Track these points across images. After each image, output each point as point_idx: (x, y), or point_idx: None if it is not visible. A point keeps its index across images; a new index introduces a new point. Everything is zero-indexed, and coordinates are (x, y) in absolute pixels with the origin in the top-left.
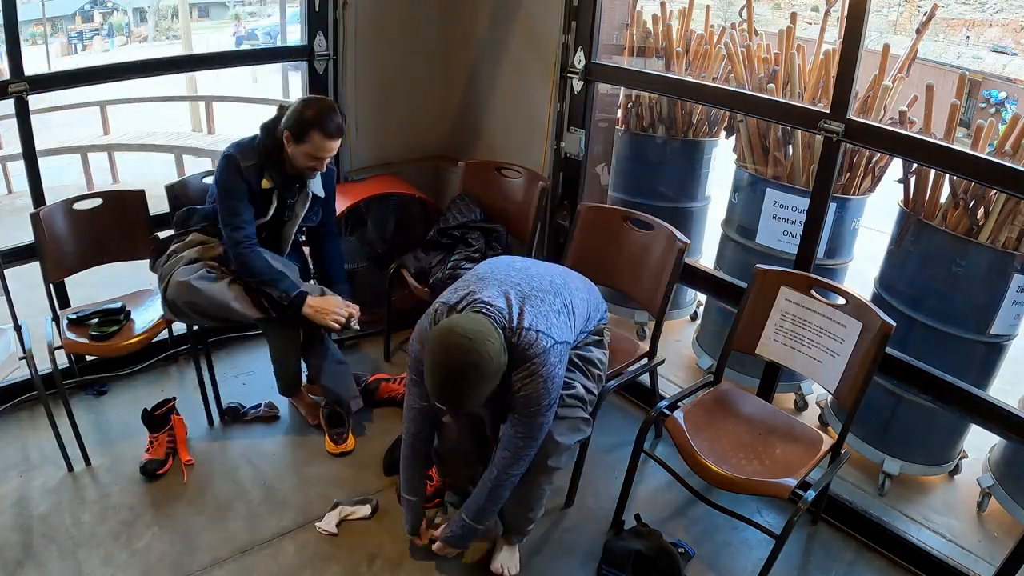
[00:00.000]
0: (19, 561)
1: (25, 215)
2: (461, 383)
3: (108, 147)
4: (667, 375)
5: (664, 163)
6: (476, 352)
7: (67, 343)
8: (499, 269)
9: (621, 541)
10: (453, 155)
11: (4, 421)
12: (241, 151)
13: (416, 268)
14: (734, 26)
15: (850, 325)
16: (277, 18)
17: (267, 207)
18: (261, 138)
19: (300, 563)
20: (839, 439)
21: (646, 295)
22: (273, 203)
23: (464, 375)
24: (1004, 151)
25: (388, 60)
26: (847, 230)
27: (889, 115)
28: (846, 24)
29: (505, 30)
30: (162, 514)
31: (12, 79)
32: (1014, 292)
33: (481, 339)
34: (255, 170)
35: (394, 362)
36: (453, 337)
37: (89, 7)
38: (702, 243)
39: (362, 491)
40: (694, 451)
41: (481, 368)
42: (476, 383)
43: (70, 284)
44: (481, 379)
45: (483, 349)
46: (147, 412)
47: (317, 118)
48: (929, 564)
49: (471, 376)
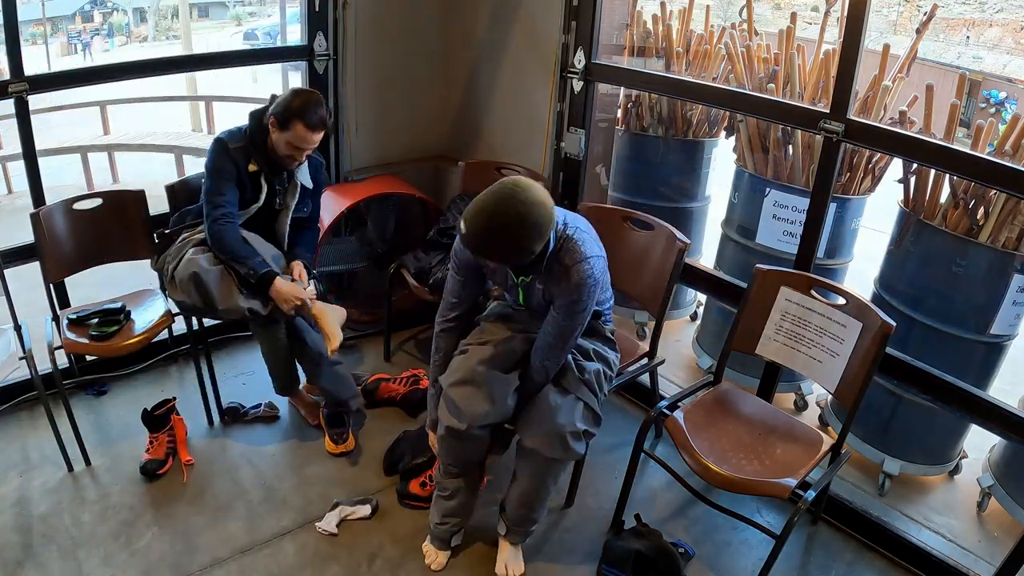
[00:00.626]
0: (19, 561)
1: (25, 215)
2: (501, 228)
3: (108, 147)
4: (667, 375)
5: (664, 163)
6: (524, 204)
7: (67, 343)
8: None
9: (621, 541)
10: (453, 155)
11: (4, 421)
12: (230, 135)
13: (416, 268)
14: (734, 26)
15: (850, 325)
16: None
17: (257, 192)
18: (249, 124)
19: (300, 563)
20: (839, 439)
21: (646, 295)
22: (263, 188)
23: (507, 220)
24: (1004, 151)
25: (388, 60)
26: (847, 230)
27: (889, 115)
28: (846, 24)
29: (505, 30)
30: (162, 514)
31: (12, 79)
32: (1014, 292)
33: (534, 199)
34: (242, 153)
35: (394, 362)
36: (511, 187)
37: (89, 7)
38: (702, 243)
39: (362, 491)
40: (694, 451)
41: (524, 220)
42: (514, 233)
43: (70, 284)
44: (519, 231)
45: (533, 203)
46: (147, 412)
47: (302, 109)
48: (929, 564)
49: (511, 224)
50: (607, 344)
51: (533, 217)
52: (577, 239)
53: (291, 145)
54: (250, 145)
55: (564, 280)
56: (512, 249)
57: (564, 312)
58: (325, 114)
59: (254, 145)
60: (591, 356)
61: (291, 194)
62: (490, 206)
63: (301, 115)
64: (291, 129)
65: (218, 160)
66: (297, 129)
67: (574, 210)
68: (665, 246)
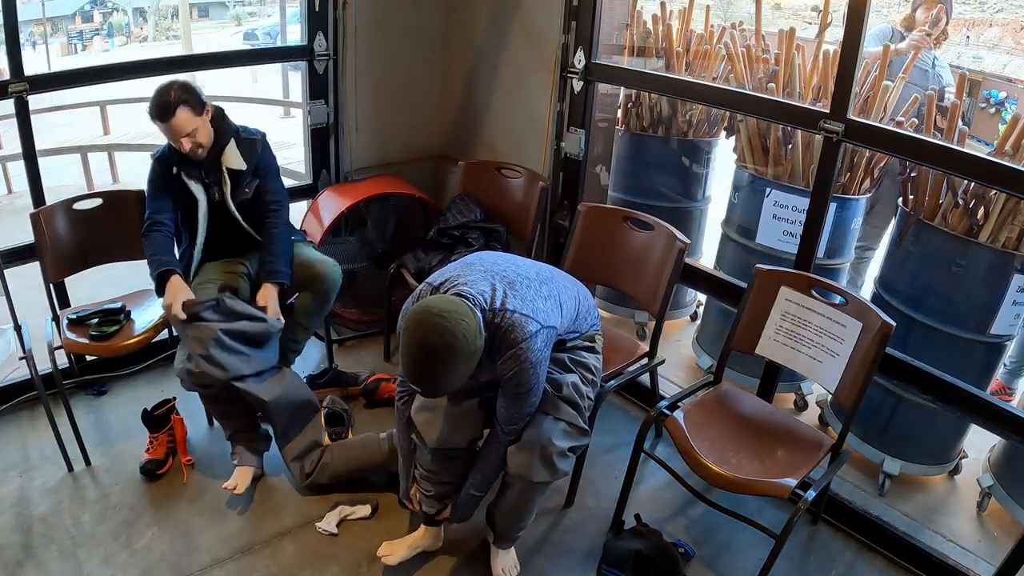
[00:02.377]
0: (19, 561)
1: (25, 215)
2: (434, 363)
3: (108, 147)
4: (667, 375)
5: (664, 163)
6: (450, 332)
7: (67, 343)
8: (486, 258)
9: (621, 541)
10: (453, 155)
11: (4, 421)
12: (159, 150)
13: (416, 268)
14: (734, 26)
15: (850, 325)
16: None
17: (189, 194)
18: None
19: (300, 563)
20: (839, 439)
21: (646, 295)
22: (190, 185)
23: (436, 355)
24: (1004, 151)
25: (388, 60)
26: (847, 230)
27: (890, 115)
28: (846, 24)
29: (505, 30)
30: (162, 514)
31: (12, 79)
32: (1014, 292)
33: (456, 319)
34: (166, 160)
35: (394, 362)
36: (428, 316)
37: (89, 7)
38: (702, 243)
39: (362, 491)
40: (694, 451)
41: (455, 348)
42: (449, 364)
43: (70, 284)
44: (454, 360)
45: (457, 329)
46: (147, 412)
47: (149, 106)
48: (929, 564)
49: (444, 356)
50: (585, 349)
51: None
52: (506, 324)
53: (169, 140)
54: (170, 148)
55: (504, 364)
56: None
57: (512, 395)
58: (165, 95)
59: (170, 148)
60: (567, 366)
61: (224, 183)
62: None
63: (149, 110)
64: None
65: (149, 174)
66: (156, 125)
67: (574, 210)
68: (665, 246)
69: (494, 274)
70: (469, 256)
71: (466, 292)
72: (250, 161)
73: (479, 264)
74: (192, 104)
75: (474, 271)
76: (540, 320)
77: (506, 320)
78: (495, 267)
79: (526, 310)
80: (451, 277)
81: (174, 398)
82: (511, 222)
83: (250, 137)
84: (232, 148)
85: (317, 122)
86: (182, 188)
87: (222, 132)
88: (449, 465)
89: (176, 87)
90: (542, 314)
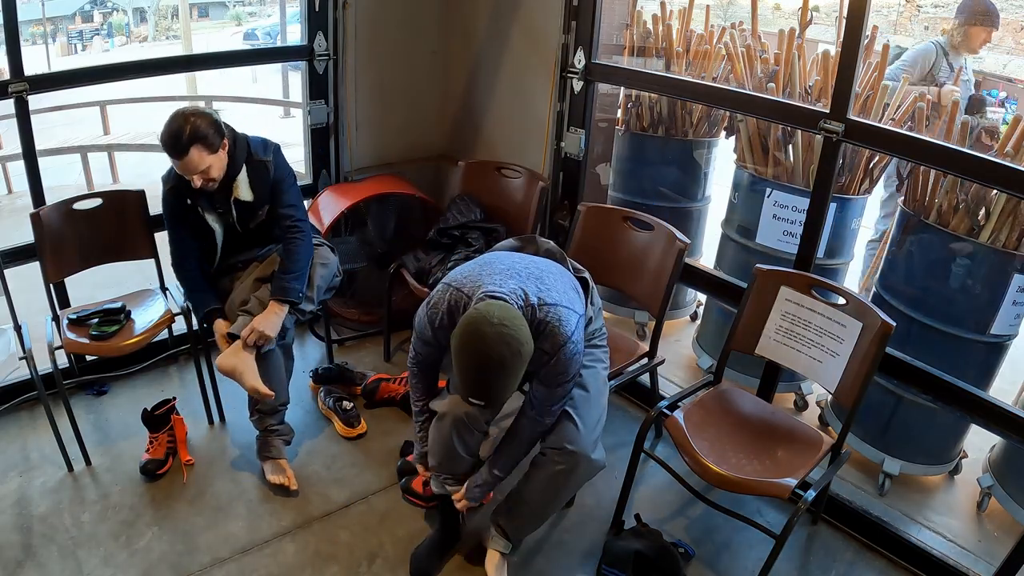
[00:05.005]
0: (19, 561)
1: (25, 215)
2: (501, 374)
3: (108, 147)
4: (667, 375)
5: (664, 163)
6: (515, 340)
7: (67, 343)
8: (502, 259)
9: (621, 541)
10: (453, 155)
11: (4, 421)
12: (168, 173)
13: (416, 268)
14: (734, 26)
15: (850, 325)
16: (277, 18)
17: (204, 223)
18: None
19: (300, 563)
20: (839, 439)
21: (646, 295)
22: (205, 216)
23: (506, 366)
24: (1004, 151)
25: (388, 60)
26: (847, 230)
27: (889, 115)
28: (846, 24)
29: (505, 30)
30: (162, 514)
31: (12, 79)
32: (1014, 292)
33: (517, 325)
34: (177, 189)
35: (394, 362)
36: (489, 327)
37: (89, 7)
38: (702, 243)
39: (362, 492)
40: (694, 451)
41: (522, 355)
42: (516, 372)
43: (70, 284)
44: (520, 367)
45: (521, 335)
46: (147, 412)
47: (161, 136)
48: (929, 564)
49: (512, 365)
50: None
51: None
52: (553, 319)
53: (178, 172)
54: (179, 178)
55: (548, 364)
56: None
57: (553, 383)
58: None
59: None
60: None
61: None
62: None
63: (161, 142)
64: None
65: (163, 206)
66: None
67: (574, 210)
68: (665, 246)
69: (517, 272)
70: (481, 257)
71: (499, 293)
72: (260, 190)
73: (498, 263)
74: (206, 143)
75: (495, 270)
76: (576, 309)
77: (550, 314)
78: (514, 266)
79: (564, 302)
80: (473, 277)
81: (174, 398)
82: (511, 222)
83: (262, 160)
84: (243, 178)
85: (317, 122)
86: (198, 218)
87: (235, 160)
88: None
89: (191, 121)
90: (577, 304)
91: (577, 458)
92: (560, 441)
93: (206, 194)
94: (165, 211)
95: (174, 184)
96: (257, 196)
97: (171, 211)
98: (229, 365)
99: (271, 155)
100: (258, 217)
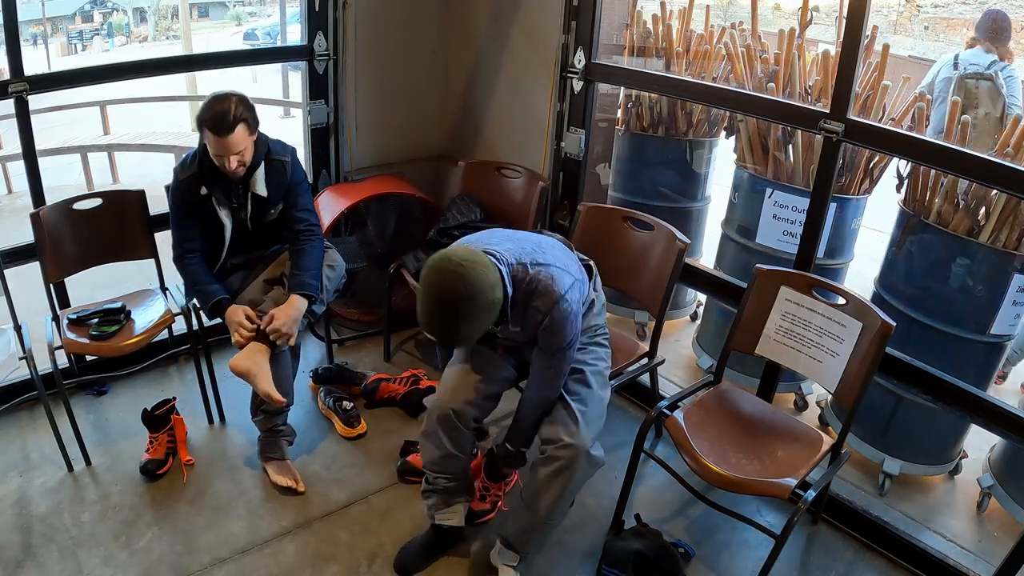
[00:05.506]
0: (19, 561)
1: (25, 215)
2: (450, 310)
3: (108, 147)
4: (667, 375)
5: (664, 163)
6: (468, 279)
7: (67, 343)
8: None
9: (621, 541)
10: (453, 155)
11: (4, 421)
12: (182, 164)
13: (416, 268)
14: (734, 26)
15: (850, 325)
16: (277, 18)
17: (216, 217)
18: (198, 143)
19: (300, 563)
20: (839, 439)
21: (646, 295)
22: (218, 209)
23: (453, 302)
24: (1004, 151)
25: (388, 60)
26: (847, 230)
27: (890, 115)
28: (846, 24)
29: (505, 30)
30: (162, 514)
31: (12, 79)
32: (1014, 292)
33: (475, 267)
34: (192, 179)
35: (394, 362)
36: (447, 263)
37: (89, 7)
38: (702, 243)
39: (362, 490)
40: (694, 451)
41: (472, 296)
42: (466, 312)
43: (70, 284)
44: (471, 308)
45: (476, 277)
46: (147, 412)
47: (205, 115)
48: (929, 564)
49: (460, 303)
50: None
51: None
52: (545, 277)
53: (214, 153)
54: (199, 166)
55: (543, 325)
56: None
57: (550, 352)
58: (229, 116)
59: (202, 165)
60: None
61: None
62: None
63: (205, 120)
64: (205, 137)
65: (171, 199)
66: (208, 136)
67: (574, 210)
68: (665, 246)
69: (517, 239)
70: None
71: (492, 250)
72: (275, 187)
73: (499, 233)
74: (248, 124)
75: (496, 236)
76: (572, 273)
77: (542, 272)
78: (516, 235)
79: (558, 263)
80: (474, 240)
81: (174, 398)
82: (511, 222)
83: (280, 159)
84: (260, 173)
85: (317, 122)
86: (210, 212)
87: (256, 152)
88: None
89: (236, 100)
90: (574, 268)
91: (576, 452)
92: (559, 435)
93: (223, 186)
94: (174, 201)
95: (194, 171)
96: (272, 193)
97: (183, 201)
98: (244, 368)
99: (288, 156)
100: (270, 215)
